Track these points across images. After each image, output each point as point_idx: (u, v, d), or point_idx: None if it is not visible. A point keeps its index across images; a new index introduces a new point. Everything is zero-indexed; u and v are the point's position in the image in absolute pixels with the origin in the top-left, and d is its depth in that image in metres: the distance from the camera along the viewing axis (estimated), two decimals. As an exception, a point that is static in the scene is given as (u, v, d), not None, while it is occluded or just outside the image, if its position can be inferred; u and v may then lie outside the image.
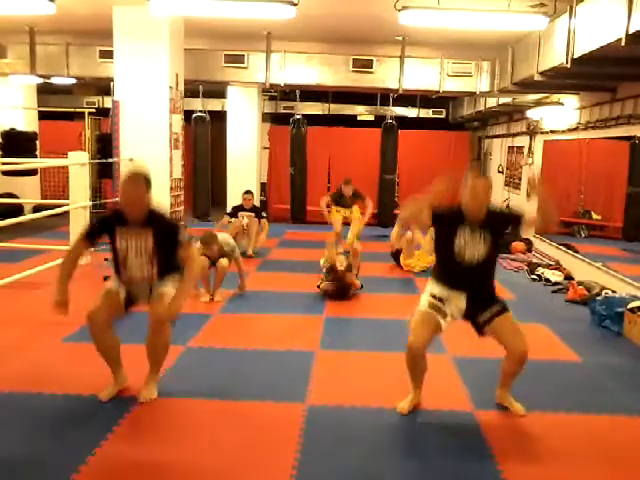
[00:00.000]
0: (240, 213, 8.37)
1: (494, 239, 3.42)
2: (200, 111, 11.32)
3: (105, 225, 3.56)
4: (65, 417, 3.36)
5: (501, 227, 3.54)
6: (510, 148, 11.04)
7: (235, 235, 7.23)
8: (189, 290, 3.77)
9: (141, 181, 3.45)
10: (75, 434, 3.16)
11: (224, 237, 6.05)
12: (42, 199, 10.79)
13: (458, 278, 3.46)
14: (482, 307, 3.46)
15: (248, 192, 8.69)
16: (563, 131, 8.23)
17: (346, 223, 8.68)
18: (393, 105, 11.86)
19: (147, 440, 3.15)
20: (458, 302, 3.46)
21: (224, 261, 5.81)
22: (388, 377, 4.04)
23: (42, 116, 11.19)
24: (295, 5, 5.00)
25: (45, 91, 11.22)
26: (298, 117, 11.36)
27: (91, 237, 3.57)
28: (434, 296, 3.49)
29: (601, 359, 4.60)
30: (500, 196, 11.41)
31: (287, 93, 12.20)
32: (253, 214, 8.42)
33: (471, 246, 3.38)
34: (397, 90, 8.43)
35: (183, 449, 3.04)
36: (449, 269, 3.49)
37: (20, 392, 3.63)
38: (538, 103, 8.78)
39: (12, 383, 3.75)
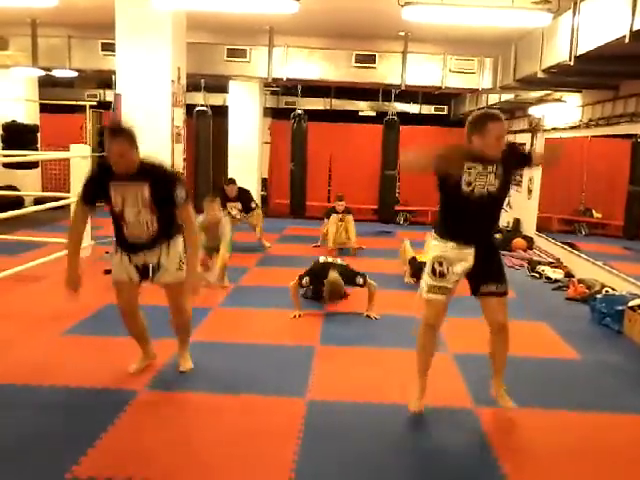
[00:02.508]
0: (228, 204, 7.95)
1: (505, 175, 3.27)
2: (202, 105, 11.30)
3: (97, 182, 3.46)
4: (65, 409, 3.37)
5: (512, 164, 3.37)
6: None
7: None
8: (198, 258, 3.78)
9: (122, 135, 3.33)
10: (75, 426, 3.17)
11: (224, 220, 6.12)
12: (43, 192, 10.78)
13: (465, 223, 3.29)
14: (491, 277, 3.37)
15: (230, 181, 8.29)
16: (565, 129, 8.22)
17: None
18: (395, 101, 11.83)
19: (147, 433, 3.16)
20: (465, 261, 3.31)
21: (224, 253, 5.89)
22: (388, 372, 4.04)
23: (43, 109, 11.19)
24: (298, 0, 4.99)
25: (47, 84, 11.21)
26: (299, 112, 11.34)
27: (89, 198, 3.50)
28: (434, 270, 3.33)
29: (601, 357, 4.60)
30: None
31: (289, 88, 12.17)
32: (239, 204, 8.12)
33: (480, 181, 3.20)
34: (399, 86, 8.41)
35: (183, 442, 3.05)
36: (456, 213, 3.32)
37: (20, 384, 3.64)
38: (540, 100, 8.76)
39: (12, 376, 3.75)
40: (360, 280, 5.46)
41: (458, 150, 3.19)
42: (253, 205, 8.40)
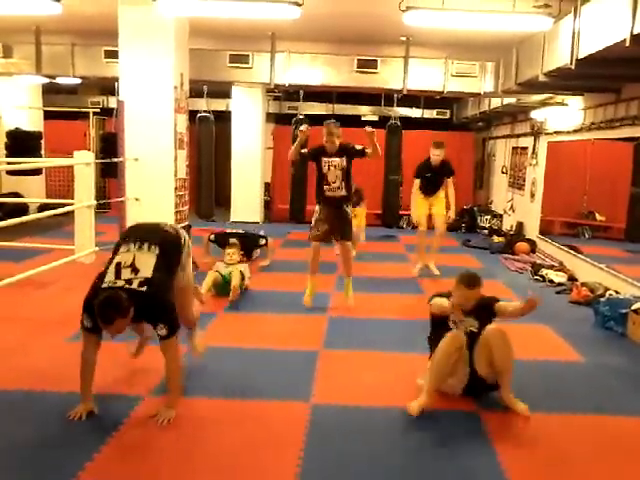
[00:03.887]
0: (227, 250, 6.44)
1: (482, 324, 3.65)
2: (204, 111, 11.33)
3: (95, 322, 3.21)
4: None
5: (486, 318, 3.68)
6: (514, 149, 11.03)
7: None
8: (177, 393, 3.47)
9: (127, 312, 3.14)
10: (81, 432, 3.18)
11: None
12: (47, 198, 10.82)
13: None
14: None
15: (232, 245, 6.47)
16: (567, 132, 8.22)
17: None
18: (397, 105, 11.84)
19: (152, 439, 3.17)
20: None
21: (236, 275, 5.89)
22: (392, 377, 4.04)
23: (47, 116, 11.23)
24: (300, 5, 5.01)
25: (50, 91, 11.26)
26: (300, 117, 11.37)
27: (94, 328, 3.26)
28: None
29: (604, 360, 4.59)
30: (504, 197, 11.42)
31: (291, 93, 12.20)
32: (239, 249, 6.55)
33: (462, 324, 3.62)
34: (401, 90, 8.43)
35: (187, 447, 3.05)
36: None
37: (25, 390, 3.65)
38: (542, 104, 8.77)
39: (17, 381, 3.76)
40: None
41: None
42: (262, 241, 7.62)
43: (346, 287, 5.74)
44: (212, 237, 7.33)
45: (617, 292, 5.95)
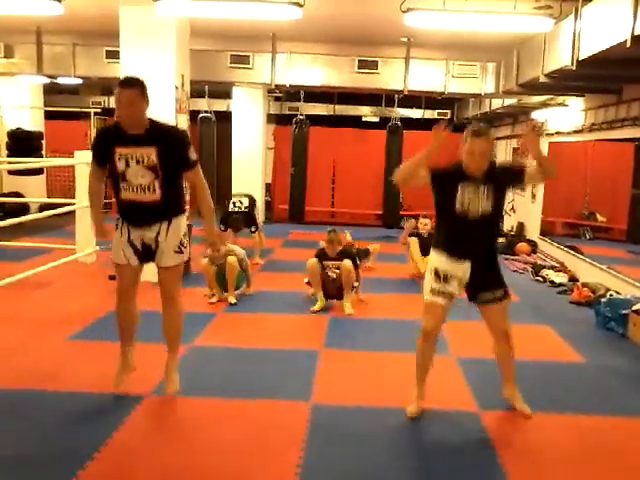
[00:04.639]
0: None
1: (498, 193, 3.32)
2: (206, 111, 11.34)
3: (105, 142, 3.42)
4: (71, 414, 3.38)
5: (505, 181, 3.42)
6: (515, 149, 11.03)
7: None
8: (214, 220, 3.74)
9: (134, 84, 3.26)
10: (82, 431, 3.18)
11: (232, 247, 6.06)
12: (48, 198, 10.83)
13: (461, 240, 3.35)
14: (487, 285, 3.40)
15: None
16: (568, 133, 8.22)
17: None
18: (398, 106, 11.85)
19: (152, 438, 3.17)
20: (462, 275, 3.37)
21: (232, 259, 5.80)
22: (392, 377, 4.05)
23: (48, 116, 11.24)
24: (301, 6, 5.01)
25: (51, 91, 11.27)
26: (300, 117, 11.37)
27: (100, 157, 3.45)
28: (437, 274, 3.38)
29: (605, 361, 4.59)
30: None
31: (292, 94, 12.21)
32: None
33: (474, 200, 3.27)
34: (402, 91, 8.42)
35: (188, 447, 3.06)
36: (452, 229, 3.38)
37: (26, 390, 3.66)
38: (543, 105, 8.77)
39: (18, 381, 3.77)
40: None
41: (423, 157, 3.29)
42: (253, 228, 7.90)
43: (345, 300, 5.72)
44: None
45: (618, 293, 5.95)
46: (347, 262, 5.67)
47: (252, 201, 8.23)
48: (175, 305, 3.63)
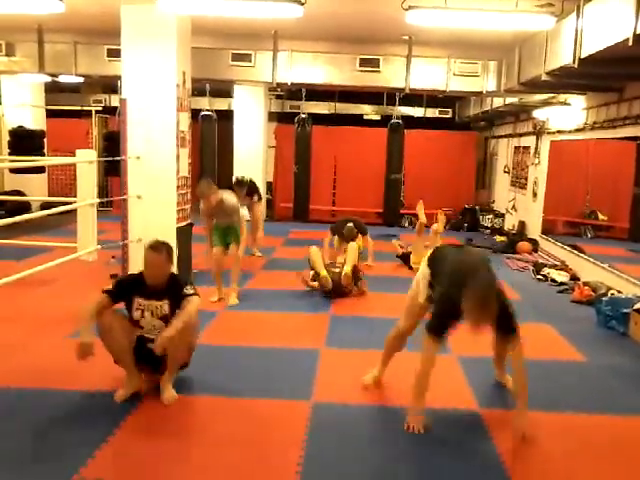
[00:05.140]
0: None
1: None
2: (207, 110, 11.35)
3: (124, 291, 3.59)
4: (72, 412, 3.39)
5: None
6: (516, 148, 11.02)
7: None
8: (179, 326, 3.46)
9: (162, 249, 3.52)
10: (82, 429, 3.19)
11: (226, 196, 5.95)
12: (49, 196, 10.84)
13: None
14: (499, 331, 3.50)
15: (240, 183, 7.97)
16: (570, 131, 8.21)
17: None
18: (399, 104, 11.85)
19: (153, 436, 3.18)
20: None
21: (234, 248, 5.78)
22: (393, 375, 4.04)
23: (50, 114, 11.26)
24: (303, 4, 5.01)
25: (53, 89, 11.28)
26: (303, 116, 11.36)
27: (118, 296, 3.57)
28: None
29: (606, 359, 4.59)
30: (506, 196, 11.41)
31: (294, 92, 12.21)
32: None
33: None
34: (404, 89, 8.42)
35: (189, 446, 3.06)
36: None
37: (26, 387, 3.66)
38: (545, 103, 8.75)
39: (18, 379, 3.78)
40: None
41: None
42: (255, 197, 8.19)
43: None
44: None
45: (619, 292, 5.95)
46: (346, 269, 5.89)
47: (253, 182, 8.42)
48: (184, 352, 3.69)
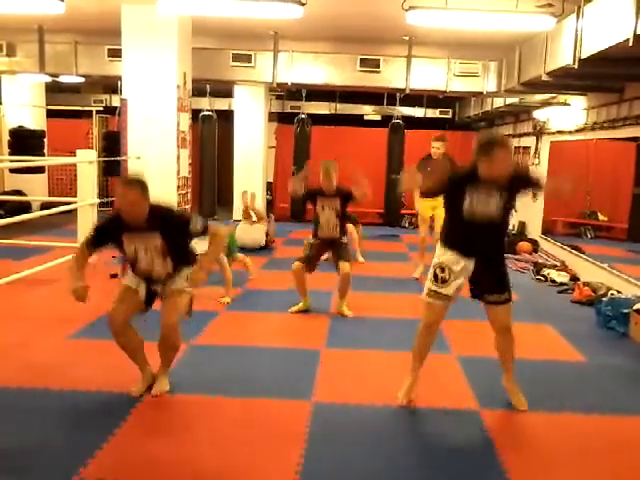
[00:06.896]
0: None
1: (509, 201, 3.38)
2: (207, 110, 11.35)
3: (109, 232, 3.55)
4: (72, 413, 3.39)
5: (518, 188, 3.46)
6: (516, 148, 11.01)
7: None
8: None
9: (135, 184, 3.40)
10: (82, 429, 3.19)
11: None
12: (49, 197, 10.84)
13: (469, 240, 3.40)
14: (493, 288, 3.46)
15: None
16: (570, 132, 8.21)
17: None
18: (400, 105, 11.85)
19: (153, 436, 3.18)
20: (465, 271, 3.43)
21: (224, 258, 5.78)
22: (393, 375, 4.04)
23: (50, 114, 11.26)
24: (303, 5, 5.02)
25: (53, 89, 11.28)
26: (302, 116, 11.36)
27: (94, 246, 3.58)
28: (436, 275, 3.44)
29: (606, 360, 4.59)
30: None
31: (294, 92, 12.22)
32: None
33: (484, 203, 3.30)
34: (404, 90, 8.43)
35: (188, 446, 3.06)
36: (460, 231, 3.43)
37: (26, 387, 3.66)
38: (545, 103, 8.76)
39: (18, 379, 3.77)
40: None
41: (441, 171, 3.43)
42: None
43: (341, 305, 5.56)
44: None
45: (619, 292, 5.95)
46: (346, 266, 5.43)
47: None
48: (172, 336, 3.63)
